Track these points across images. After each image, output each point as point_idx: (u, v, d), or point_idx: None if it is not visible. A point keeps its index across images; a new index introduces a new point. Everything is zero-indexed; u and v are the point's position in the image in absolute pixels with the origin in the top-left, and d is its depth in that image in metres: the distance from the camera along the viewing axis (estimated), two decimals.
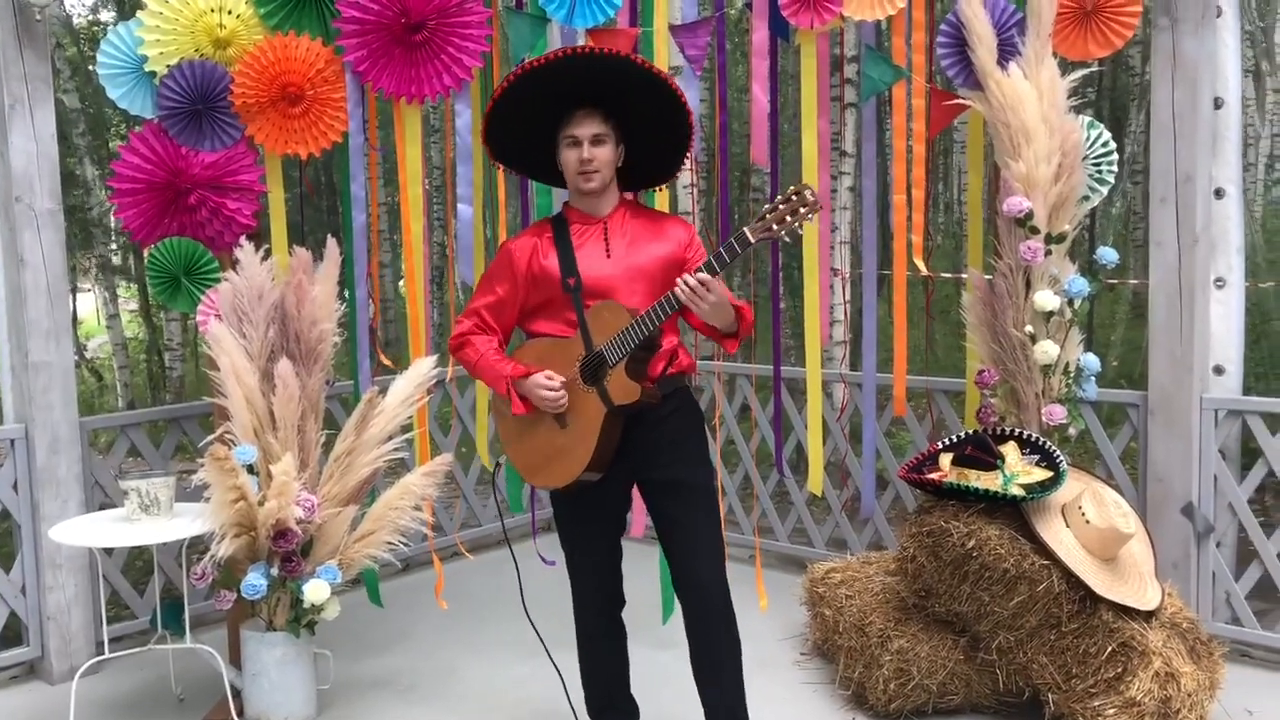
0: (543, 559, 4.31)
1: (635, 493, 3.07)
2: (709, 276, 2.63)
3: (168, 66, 3.73)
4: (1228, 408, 3.90)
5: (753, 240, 2.61)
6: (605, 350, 2.77)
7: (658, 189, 3.37)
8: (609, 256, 2.86)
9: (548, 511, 5.71)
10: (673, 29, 3.95)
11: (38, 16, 3.85)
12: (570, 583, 3.09)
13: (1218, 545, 3.94)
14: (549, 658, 3.21)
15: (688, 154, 2.99)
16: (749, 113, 4.00)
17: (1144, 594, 3.34)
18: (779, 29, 3.93)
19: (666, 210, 3.77)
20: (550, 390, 2.81)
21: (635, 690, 3.23)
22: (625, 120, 2.86)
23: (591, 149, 2.80)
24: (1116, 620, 3.25)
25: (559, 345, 2.87)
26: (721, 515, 3.06)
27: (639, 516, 4.02)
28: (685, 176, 6.92)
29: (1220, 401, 3.91)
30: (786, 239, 2.64)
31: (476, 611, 4.67)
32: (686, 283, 2.63)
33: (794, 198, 2.60)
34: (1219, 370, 3.98)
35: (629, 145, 2.90)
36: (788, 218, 2.60)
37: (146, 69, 3.75)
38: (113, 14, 11.72)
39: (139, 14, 3.76)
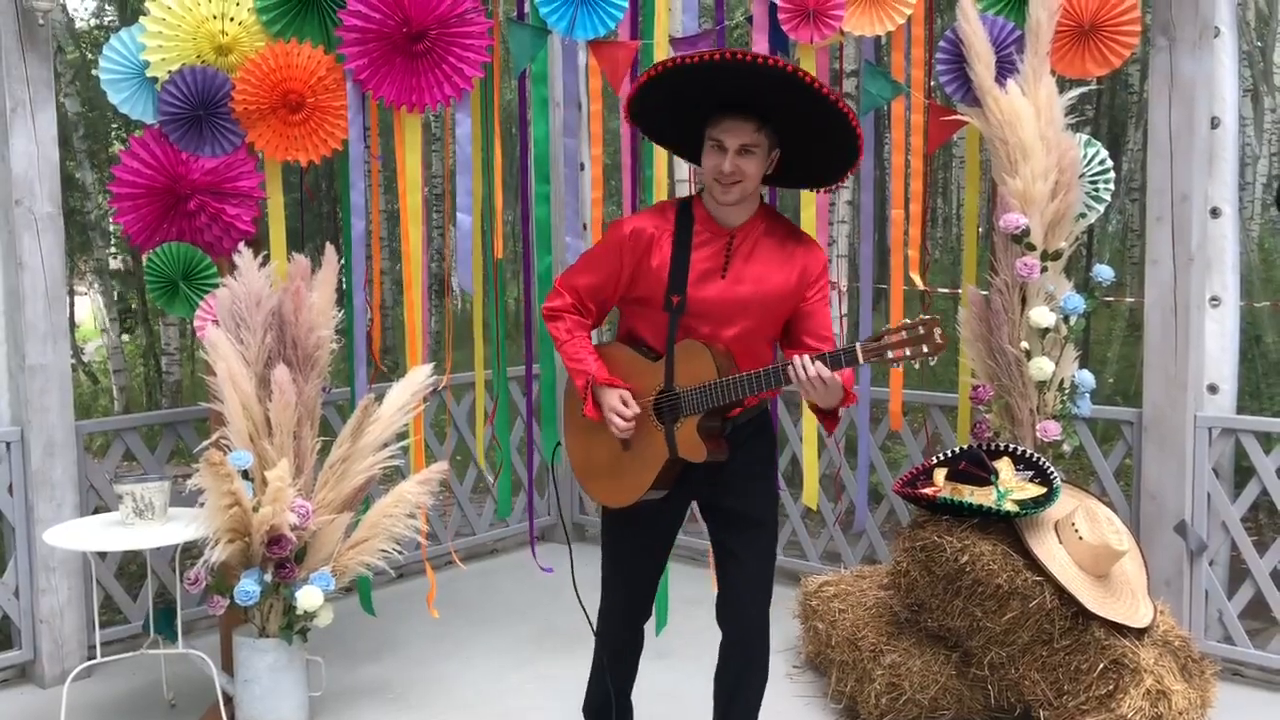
0: (541, 567, 4.32)
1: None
2: (826, 370, 2.46)
3: (169, 72, 3.74)
4: (1221, 426, 3.91)
5: (861, 361, 2.45)
6: (684, 396, 2.63)
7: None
8: (724, 277, 2.65)
9: (544, 520, 5.74)
10: (673, 42, 3.97)
11: (40, 20, 3.86)
12: (601, 591, 2.98)
13: (1210, 563, 3.95)
14: (590, 624, 3.06)
15: (853, 169, 2.75)
16: None
17: (1136, 611, 3.34)
18: (779, 43, 3.94)
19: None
20: (622, 418, 2.66)
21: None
22: (785, 123, 2.61)
23: (736, 159, 2.57)
24: (1108, 637, 3.25)
25: (642, 366, 2.71)
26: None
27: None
28: (684, 188, 6.94)
29: (1214, 420, 3.92)
30: (896, 365, 2.53)
31: (469, 620, 4.67)
32: (805, 369, 2.46)
33: (920, 330, 2.42)
34: (1213, 389, 3.99)
35: (786, 147, 2.66)
36: (906, 351, 2.42)
37: (148, 74, 3.76)
38: (114, 18, 11.74)
39: (142, 20, 3.77)
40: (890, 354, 2.44)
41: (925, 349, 2.41)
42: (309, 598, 3.45)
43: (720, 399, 2.59)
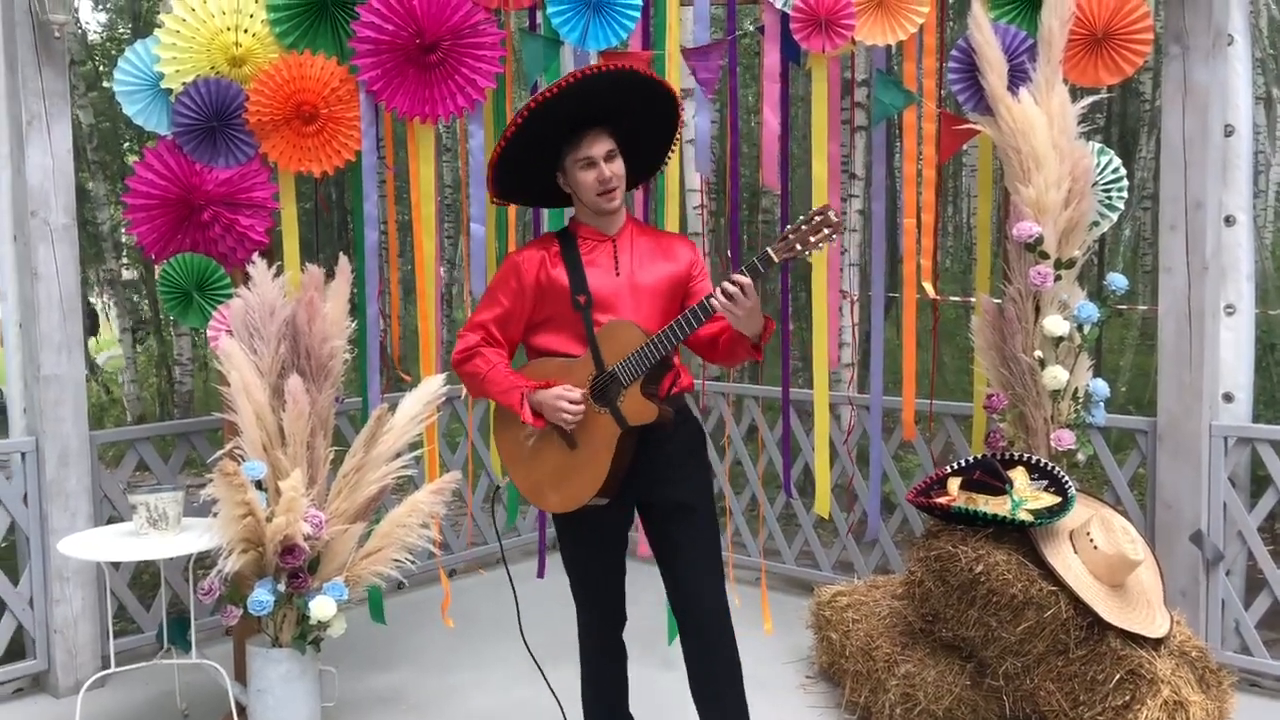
0: (539, 574, 4.32)
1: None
2: (749, 280, 2.59)
3: (183, 84, 3.76)
4: (1237, 435, 3.90)
5: (776, 259, 2.60)
6: (619, 370, 2.74)
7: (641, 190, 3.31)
8: (618, 274, 2.84)
9: (553, 532, 5.73)
10: (685, 52, 3.98)
11: (56, 34, 3.89)
12: (574, 602, 3.07)
13: (1227, 573, 3.93)
14: (546, 683, 3.20)
15: (675, 143, 2.97)
16: (759, 135, 4.02)
17: (1152, 621, 3.32)
18: (790, 53, 3.95)
19: (676, 231, 3.77)
20: (571, 405, 2.75)
21: (639, 711, 3.22)
22: (618, 131, 2.85)
23: (609, 166, 2.78)
24: (1125, 647, 3.24)
25: (567, 365, 2.83)
26: (727, 535, 3.04)
27: (643, 536, 4.02)
28: (695, 198, 6.95)
29: (1230, 429, 3.90)
30: (808, 258, 2.66)
31: (482, 630, 4.67)
32: (726, 290, 2.58)
33: (816, 218, 2.59)
34: (1229, 397, 3.97)
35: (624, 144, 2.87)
36: (811, 238, 2.59)
37: (163, 86, 3.78)
38: (126, 31, 11.82)
39: (156, 32, 3.79)
40: (799, 246, 2.59)
41: (827, 230, 2.58)
42: (322, 608, 3.45)
43: (656, 354, 2.71)
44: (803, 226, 2.61)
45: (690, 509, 2.88)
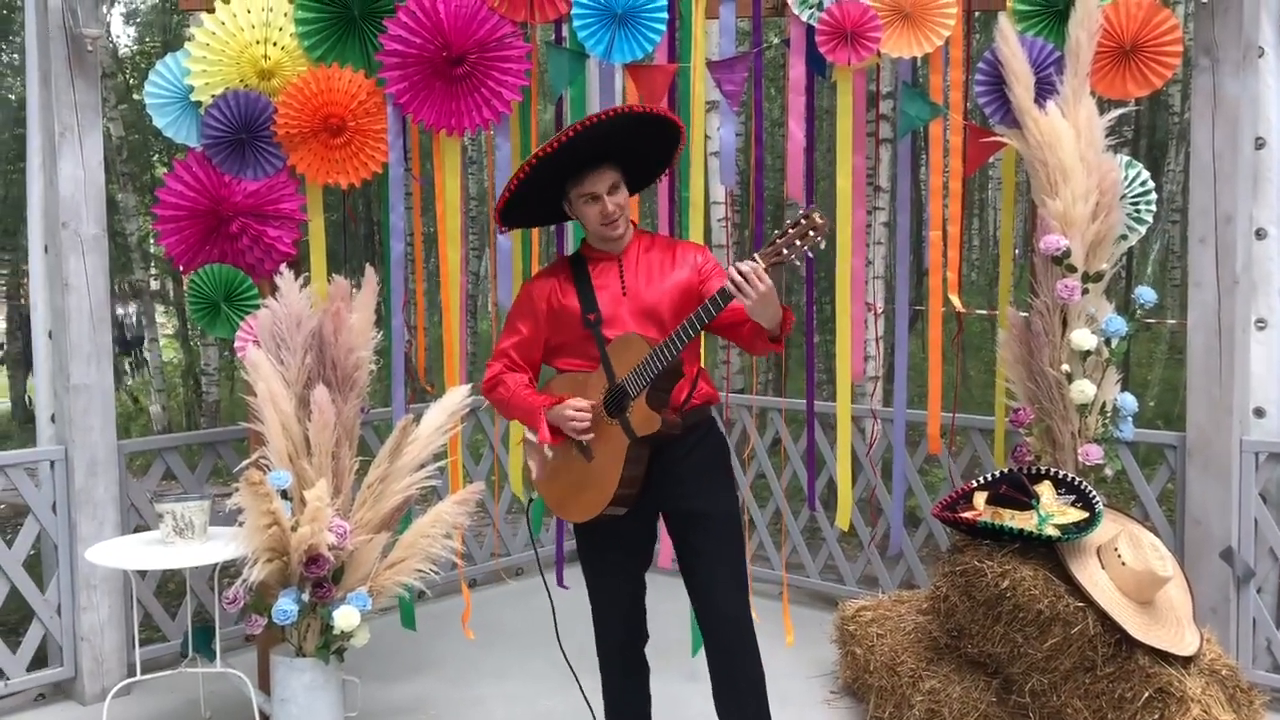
0: (559, 584, 4.31)
1: (661, 526, 3.06)
2: (758, 265, 2.59)
3: (213, 96, 3.80)
4: (1268, 450, 3.85)
5: (762, 265, 2.61)
6: (626, 382, 2.78)
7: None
8: (625, 294, 2.89)
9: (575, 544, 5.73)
10: (710, 65, 3.98)
11: (89, 47, 3.94)
12: (592, 614, 3.07)
13: (1258, 590, 3.88)
14: (581, 692, 3.20)
15: (677, 152, 2.99)
16: (784, 147, 4.02)
17: (1182, 639, 3.29)
18: (816, 65, 3.95)
19: (699, 242, 3.76)
20: (579, 415, 2.81)
21: None
22: (623, 150, 2.89)
23: (611, 199, 2.85)
24: (1153, 665, 3.20)
25: (583, 380, 2.88)
26: (748, 548, 3.03)
27: (666, 549, 4.01)
28: (719, 210, 6.95)
29: (1261, 444, 3.85)
30: (797, 262, 2.67)
31: (505, 641, 4.67)
32: (739, 270, 2.58)
33: (803, 221, 2.61)
34: (1260, 412, 3.93)
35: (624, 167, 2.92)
36: (796, 242, 2.60)
37: (192, 99, 3.82)
38: (156, 43, 11.95)
39: (186, 45, 3.84)
40: (785, 251, 2.59)
41: (813, 233, 2.58)
42: (346, 618, 3.46)
43: (660, 362, 2.72)
44: (789, 231, 2.62)
45: (712, 519, 2.89)
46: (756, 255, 2.64)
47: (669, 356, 2.72)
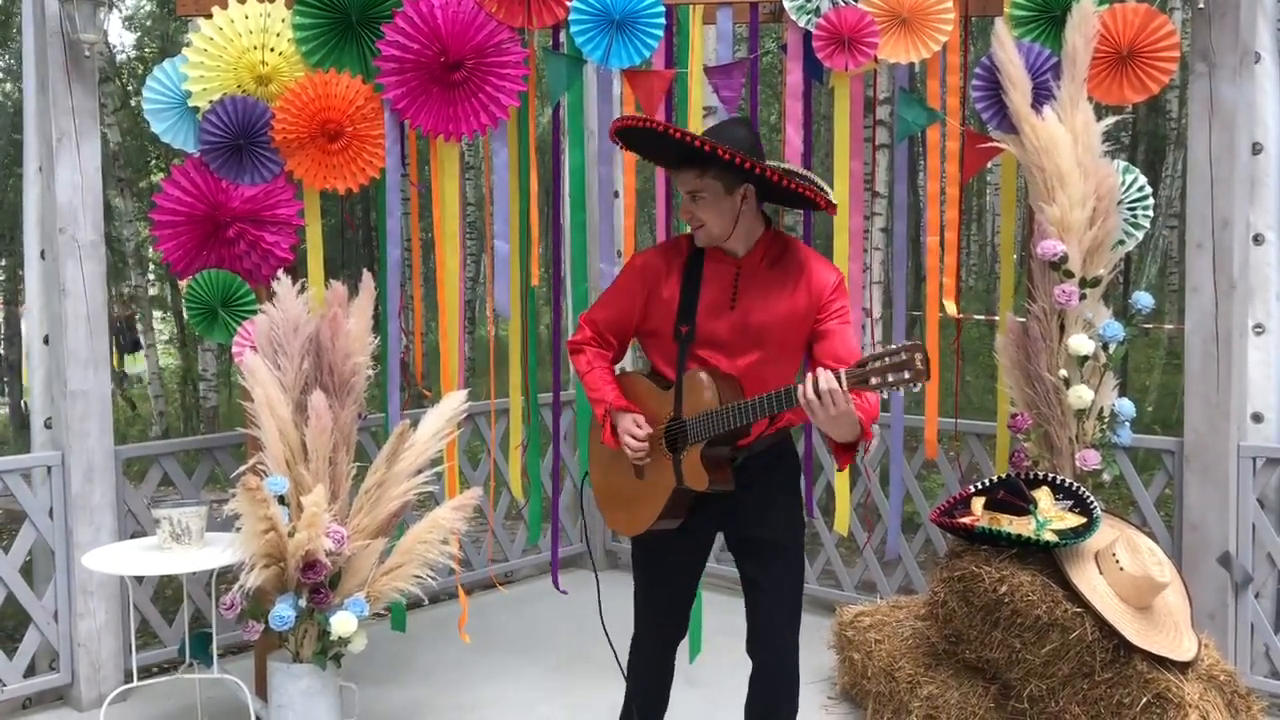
0: (555, 588, 4.31)
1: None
2: (837, 388, 2.34)
3: (210, 102, 3.80)
4: (1266, 455, 3.85)
5: (844, 386, 2.35)
6: (690, 425, 2.65)
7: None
8: (733, 309, 2.68)
9: (576, 548, 5.73)
10: (708, 70, 3.99)
11: (86, 53, 3.94)
12: (634, 617, 3.00)
13: (1256, 596, 3.88)
14: (625, 677, 3.10)
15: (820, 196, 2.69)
16: (782, 153, 4.02)
17: (1180, 644, 3.28)
18: (813, 71, 3.95)
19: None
20: (635, 441, 2.70)
21: None
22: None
23: (689, 205, 2.64)
24: (1151, 671, 3.19)
25: (655, 395, 2.75)
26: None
27: None
28: None
29: (1259, 449, 3.85)
30: (884, 396, 2.45)
31: (503, 647, 4.66)
32: (817, 390, 2.35)
33: (903, 355, 2.29)
34: (1257, 418, 3.93)
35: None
36: (889, 376, 2.31)
37: (190, 104, 3.82)
38: (154, 49, 11.96)
39: (184, 51, 3.84)
40: (873, 380, 2.32)
41: (908, 375, 2.29)
42: (343, 623, 3.45)
43: (721, 426, 2.57)
44: (885, 359, 2.32)
45: (775, 549, 2.79)
46: (842, 374, 2.36)
47: (733, 425, 2.55)
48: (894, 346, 2.32)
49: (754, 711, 2.87)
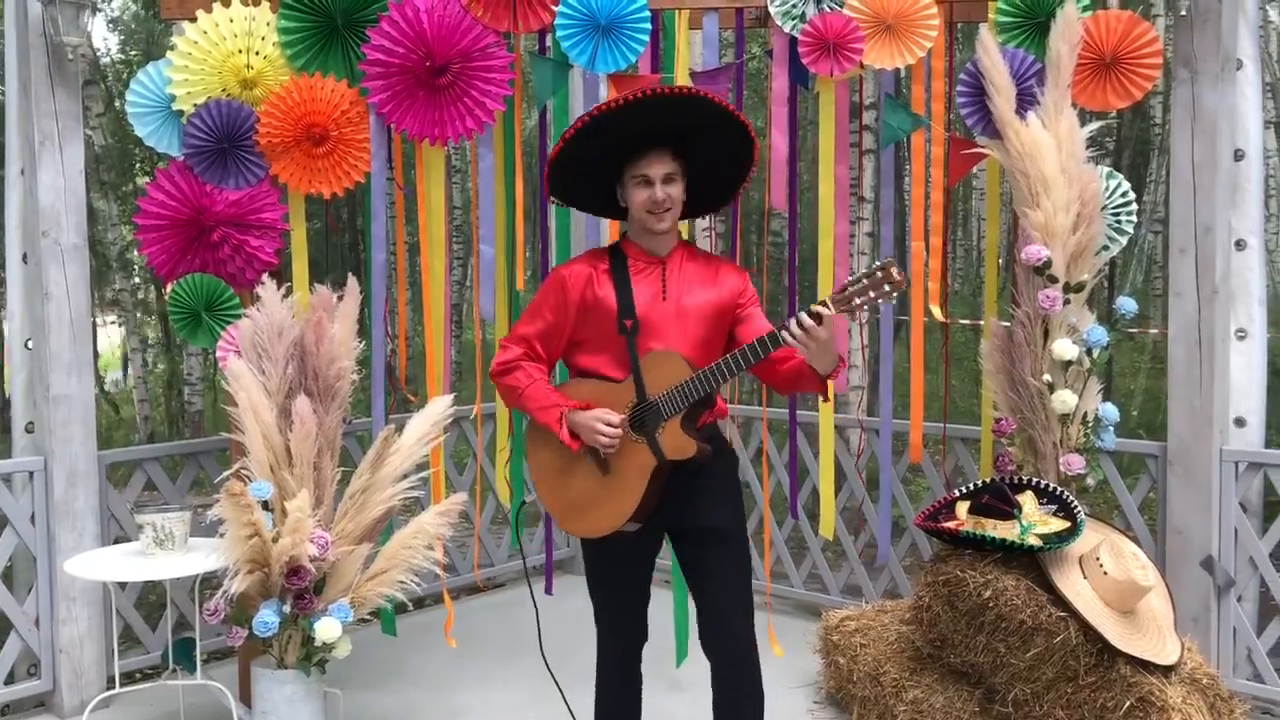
0: (547, 591, 4.30)
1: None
2: (827, 313, 2.54)
3: (195, 105, 3.79)
4: (1249, 460, 3.87)
5: (832, 310, 2.55)
6: (661, 402, 2.70)
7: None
8: (665, 298, 2.79)
9: (563, 553, 5.72)
10: (693, 75, 3.99)
11: (70, 55, 3.92)
12: (596, 628, 3.02)
13: (1239, 599, 3.90)
14: (565, 704, 3.18)
15: (745, 184, 2.94)
16: (768, 158, 4.03)
17: (1163, 648, 3.30)
18: (799, 76, 3.96)
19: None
20: (609, 429, 2.71)
21: None
22: (689, 154, 2.80)
23: (664, 188, 2.75)
24: (1135, 674, 3.21)
25: (607, 389, 2.78)
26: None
27: None
28: (703, 220, 6.96)
29: (1241, 454, 3.87)
30: (866, 313, 2.62)
31: (488, 651, 4.65)
32: (802, 324, 2.55)
33: (879, 273, 2.54)
34: (1240, 422, 3.95)
35: (689, 177, 2.83)
36: (870, 293, 2.54)
37: (174, 108, 3.81)
38: (138, 53, 11.92)
39: (169, 54, 3.82)
40: (857, 299, 2.54)
41: (888, 288, 2.53)
42: (327, 629, 3.44)
43: (701, 389, 2.67)
44: (863, 280, 2.55)
45: (724, 536, 2.84)
46: (827, 301, 2.56)
47: (710, 387, 2.66)
48: (868, 269, 2.55)
49: (722, 703, 2.88)
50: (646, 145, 2.75)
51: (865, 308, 2.56)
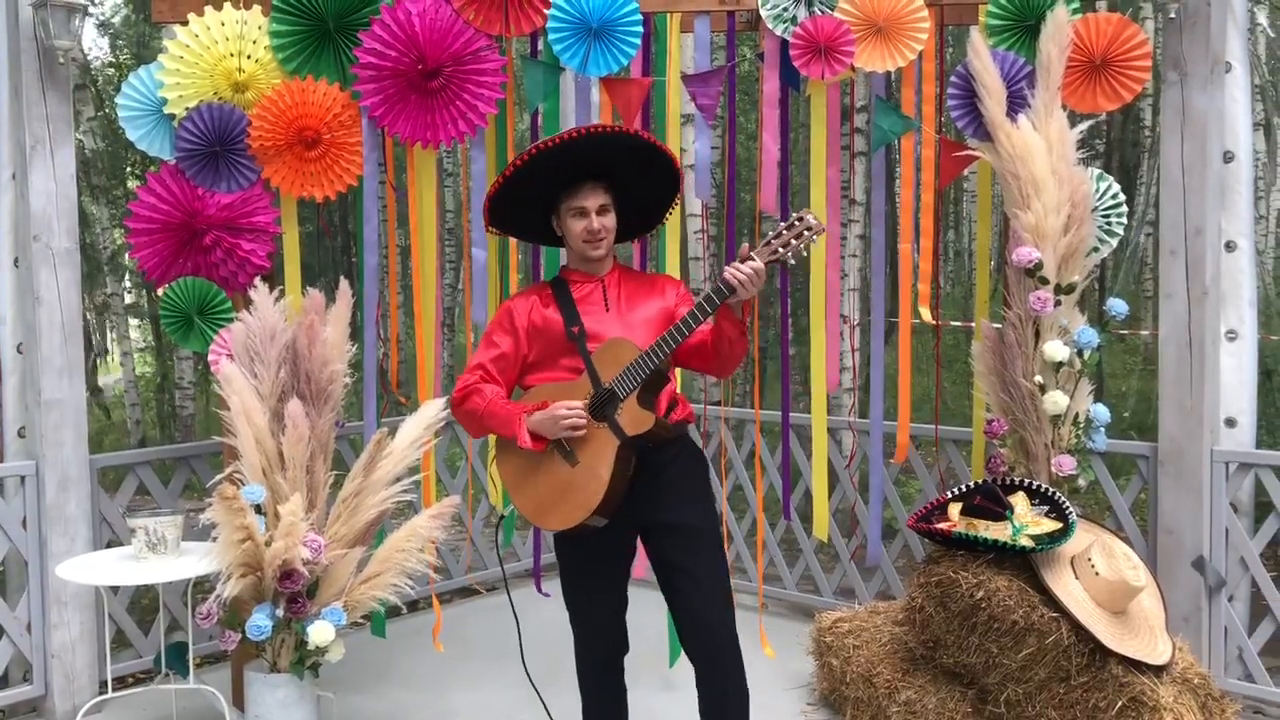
0: (538, 591, 4.29)
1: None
2: (758, 264, 2.68)
3: (186, 109, 3.79)
4: (1239, 460, 3.89)
5: (758, 260, 2.70)
6: (615, 384, 2.80)
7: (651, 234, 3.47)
8: (608, 310, 2.93)
9: (551, 557, 5.71)
10: (685, 78, 4.00)
11: (60, 59, 3.92)
12: (574, 633, 3.06)
13: (1230, 599, 3.91)
14: (545, 710, 3.18)
15: (671, 210, 3.12)
16: (759, 160, 4.03)
17: (1154, 648, 3.31)
18: (790, 79, 3.97)
19: (677, 255, 3.80)
20: (569, 410, 2.79)
21: None
22: (619, 183, 2.97)
23: (599, 219, 2.91)
24: (1126, 674, 3.22)
25: (564, 388, 2.88)
26: (728, 560, 3.03)
27: (640, 557, 4.01)
28: (695, 222, 6.97)
29: (1231, 454, 3.89)
30: (792, 261, 2.74)
31: (480, 655, 4.65)
32: (738, 267, 2.68)
33: (797, 223, 2.71)
34: (1231, 423, 3.97)
35: (619, 205, 3.01)
36: (792, 241, 2.70)
37: (166, 111, 3.81)
38: (129, 56, 11.89)
39: (160, 57, 3.82)
40: (781, 250, 2.70)
41: (808, 233, 2.70)
42: (320, 633, 3.44)
43: (651, 362, 2.77)
44: (784, 232, 2.72)
45: (695, 532, 2.89)
46: (753, 254, 2.71)
47: (661, 355, 2.76)
48: (787, 220, 2.74)
49: (707, 699, 2.90)
50: (581, 179, 2.91)
51: (790, 257, 2.71)
